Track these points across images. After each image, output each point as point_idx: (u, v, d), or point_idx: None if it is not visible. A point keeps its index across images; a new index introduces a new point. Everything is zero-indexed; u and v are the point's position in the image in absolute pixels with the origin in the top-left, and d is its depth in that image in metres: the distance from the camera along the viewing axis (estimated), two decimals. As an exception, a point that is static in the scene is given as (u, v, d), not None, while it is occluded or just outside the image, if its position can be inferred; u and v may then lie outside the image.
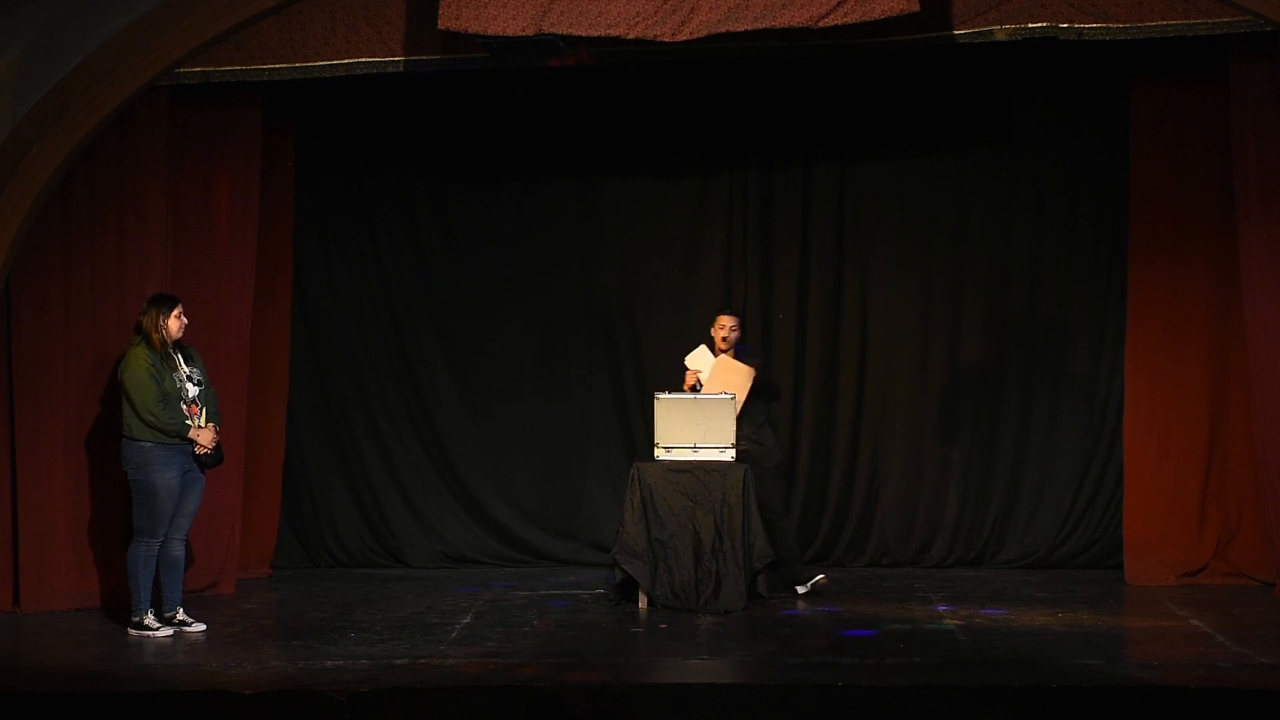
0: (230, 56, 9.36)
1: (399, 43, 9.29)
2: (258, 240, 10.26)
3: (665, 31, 8.72)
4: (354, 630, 8.72)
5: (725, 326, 9.79)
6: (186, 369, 8.74)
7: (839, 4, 8.53)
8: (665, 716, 6.98)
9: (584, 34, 8.74)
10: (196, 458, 8.70)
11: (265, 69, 9.39)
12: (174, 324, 8.69)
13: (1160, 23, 8.91)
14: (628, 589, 9.47)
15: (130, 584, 8.70)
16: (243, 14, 9.21)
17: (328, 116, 10.92)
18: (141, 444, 8.61)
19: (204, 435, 8.68)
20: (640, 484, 9.44)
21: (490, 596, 9.85)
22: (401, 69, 9.37)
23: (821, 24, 8.59)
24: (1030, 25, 8.96)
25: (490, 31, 8.72)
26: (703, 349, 9.80)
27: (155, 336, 8.66)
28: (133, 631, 8.66)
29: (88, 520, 9.54)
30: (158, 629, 8.65)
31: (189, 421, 8.64)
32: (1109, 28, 8.95)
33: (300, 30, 9.32)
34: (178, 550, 8.77)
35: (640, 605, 9.36)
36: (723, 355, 9.76)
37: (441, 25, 8.76)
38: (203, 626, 8.74)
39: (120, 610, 9.15)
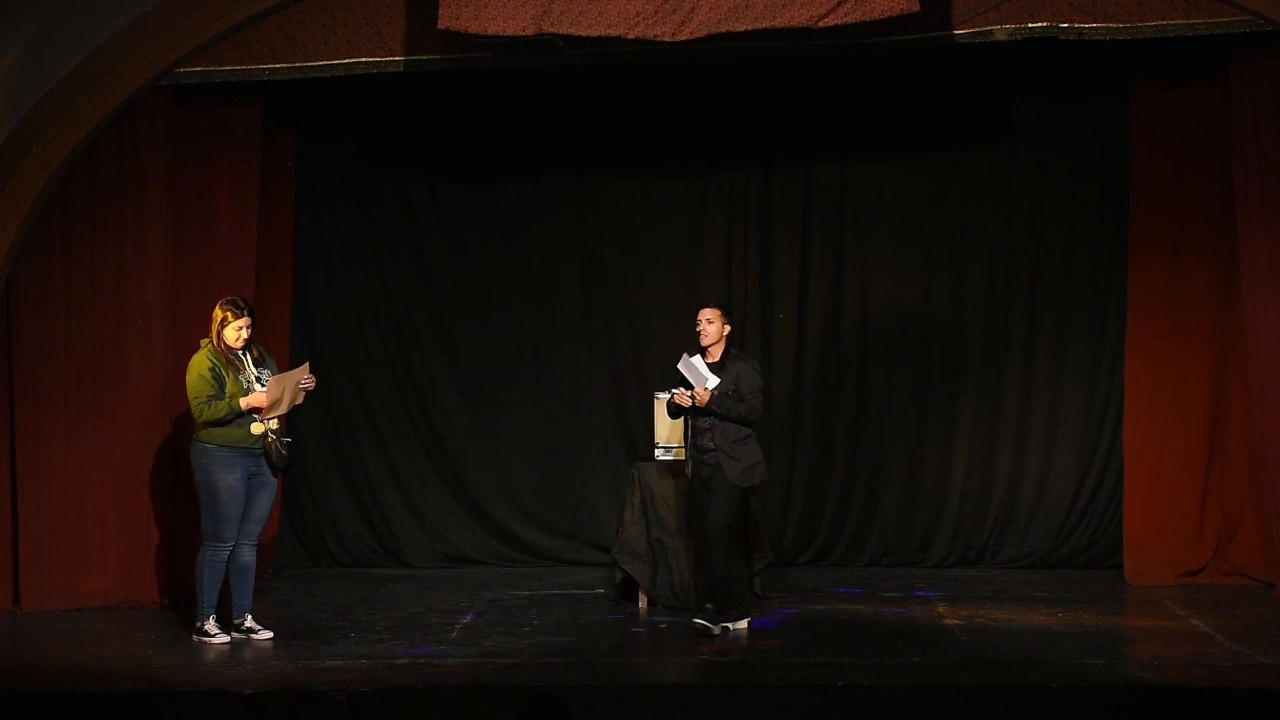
0: (230, 56, 9.37)
1: (399, 43, 9.29)
2: (258, 240, 10.26)
3: (665, 31, 8.72)
4: (354, 630, 8.73)
5: (701, 319, 8.78)
6: (255, 371, 8.54)
7: (839, 4, 8.53)
8: (665, 716, 6.98)
9: (584, 34, 8.74)
10: (269, 460, 8.53)
11: (265, 69, 9.40)
12: (230, 334, 8.48)
13: (1160, 23, 8.92)
14: (628, 589, 9.47)
15: (196, 588, 8.54)
16: (243, 14, 9.22)
17: (328, 116, 10.92)
18: (204, 446, 8.44)
19: (255, 398, 8.41)
20: (640, 484, 9.45)
21: (490, 596, 9.86)
22: (401, 69, 9.37)
23: (821, 24, 8.59)
24: (1030, 25, 8.96)
25: (490, 31, 8.72)
26: (694, 359, 8.78)
27: (216, 342, 8.50)
28: (195, 638, 8.49)
29: (88, 521, 9.53)
30: (215, 635, 8.48)
31: (236, 404, 8.37)
32: (1109, 27, 8.96)
33: (300, 30, 9.33)
34: (248, 556, 8.56)
35: (640, 605, 9.37)
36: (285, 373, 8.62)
37: (441, 25, 8.77)
38: (270, 634, 8.56)
39: (119, 610, 9.15)
